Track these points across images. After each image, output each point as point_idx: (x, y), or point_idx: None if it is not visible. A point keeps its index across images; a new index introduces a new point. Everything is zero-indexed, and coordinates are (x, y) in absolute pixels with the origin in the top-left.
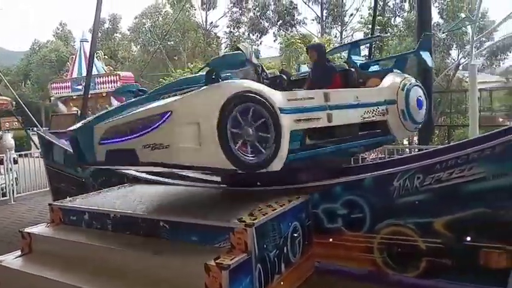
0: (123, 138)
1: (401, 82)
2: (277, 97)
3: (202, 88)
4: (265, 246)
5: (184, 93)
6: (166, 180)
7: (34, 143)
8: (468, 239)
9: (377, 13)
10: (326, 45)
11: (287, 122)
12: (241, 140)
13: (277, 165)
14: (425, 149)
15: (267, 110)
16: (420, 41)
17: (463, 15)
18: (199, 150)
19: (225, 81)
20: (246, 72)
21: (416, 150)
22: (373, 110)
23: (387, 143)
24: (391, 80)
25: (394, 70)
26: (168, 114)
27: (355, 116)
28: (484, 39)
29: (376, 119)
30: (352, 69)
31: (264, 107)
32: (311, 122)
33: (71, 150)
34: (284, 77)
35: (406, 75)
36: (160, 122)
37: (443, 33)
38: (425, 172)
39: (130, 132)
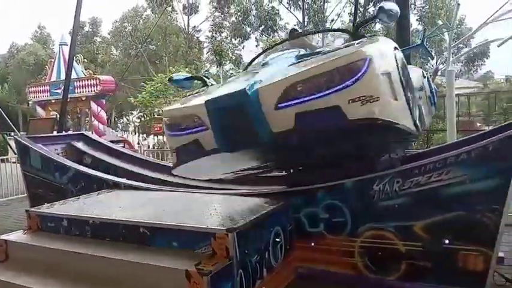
0: (318, 95)
1: (420, 70)
2: None
3: (371, 39)
4: (246, 251)
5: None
6: (146, 185)
7: (11, 148)
8: (447, 241)
9: (357, 19)
10: None
11: None
12: (409, 98)
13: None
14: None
15: (408, 72)
16: (423, 34)
17: (440, 22)
18: (397, 105)
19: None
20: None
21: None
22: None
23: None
24: (411, 69)
25: None
26: (369, 60)
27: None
28: (461, 45)
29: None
30: None
31: (406, 69)
32: None
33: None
34: None
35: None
36: (364, 70)
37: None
38: (405, 176)
39: (328, 86)
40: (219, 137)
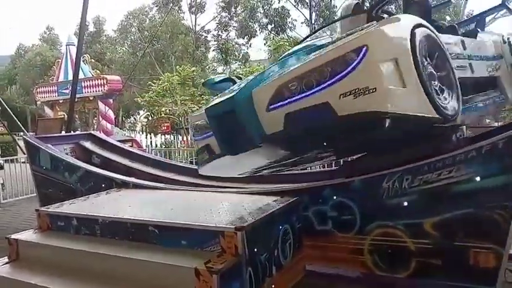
0: (307, 93)
1: (500, 36)
2: (442, 37)
3: (384, 20)
4: (255, 249)
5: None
6: (155, 184)
7: (20, 148)
8: (457, 239)
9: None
10: None
11: None
12: (434, 81)
13: (459, 118)
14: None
15: (442, 50)
16: None
17: (448, 18)
18: (405, 93)
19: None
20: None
21: None
22: (493, 64)
23: (499, 105)
24: (488, 36)
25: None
26: (364, 49)
27: (484, 69)
28: None
29: (494, 74)
30: (456, 25)
31: (438, 47)
32: (460, 70)
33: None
34: None
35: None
36: (357, 61)
37: None
38: (414, 174)
39: (318, 82)
40: (219, 142)
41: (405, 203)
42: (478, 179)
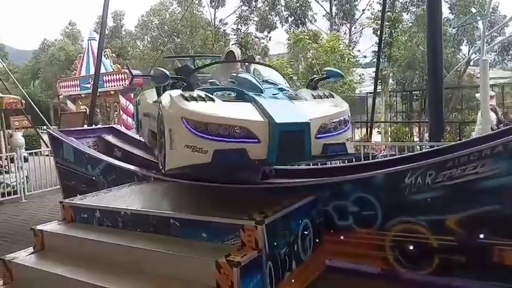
0: (333, 133)
1: None
2: None
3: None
4: (275, 243)
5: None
6: (175, 178)
7: (44, 141)
8: (481, 236)
9: (386, 8)
10: (334, 41)
11: None
12: None
13: None
14: (437, 146)
15: None
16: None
17: (474, 10)
18: None
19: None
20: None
21: (428, 147)
22: None
23: None
24: None
25: None
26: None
27: None
28: (495, 34)
29: None
30: None
31: None
32: None
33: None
34: None
35: None
36: (349, 122)
37: (453, 28)
38: (438, 169)
39: (340, 127)
40: (274, 151)
41: (428, 199)
42: (504, 174)
